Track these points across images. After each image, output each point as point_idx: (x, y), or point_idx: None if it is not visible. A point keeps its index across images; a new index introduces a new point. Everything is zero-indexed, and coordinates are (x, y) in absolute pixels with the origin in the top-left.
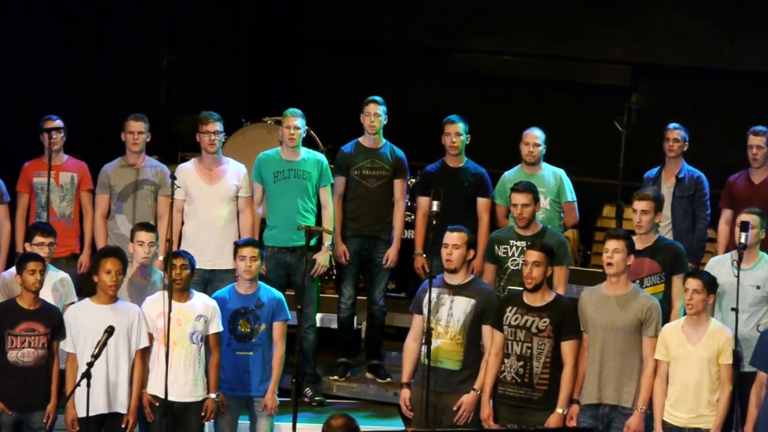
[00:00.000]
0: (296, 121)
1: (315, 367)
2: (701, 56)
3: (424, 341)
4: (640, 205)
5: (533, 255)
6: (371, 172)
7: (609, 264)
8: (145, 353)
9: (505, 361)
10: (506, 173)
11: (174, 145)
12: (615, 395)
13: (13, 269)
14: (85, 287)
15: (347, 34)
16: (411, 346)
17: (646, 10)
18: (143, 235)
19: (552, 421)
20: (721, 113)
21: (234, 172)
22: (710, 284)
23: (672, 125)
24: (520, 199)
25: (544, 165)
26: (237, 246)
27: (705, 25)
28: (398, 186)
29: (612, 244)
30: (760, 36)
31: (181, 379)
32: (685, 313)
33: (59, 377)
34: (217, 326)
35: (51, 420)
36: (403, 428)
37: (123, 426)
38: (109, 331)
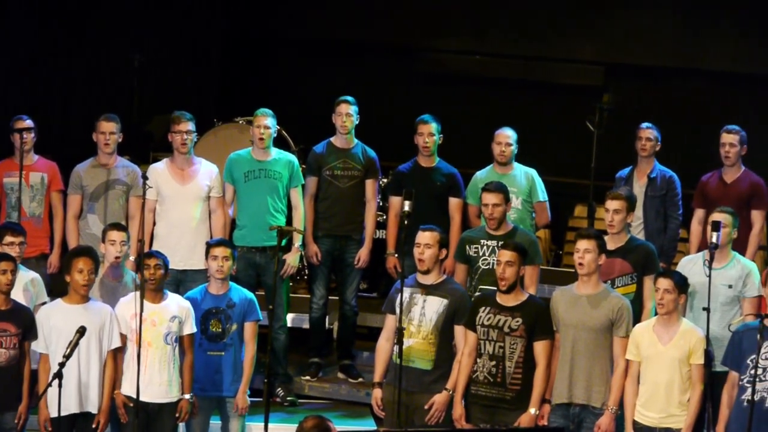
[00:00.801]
0: (266, 121)
1: (287, 367)
2: (672, 56)
3: (396, 341)
4: (612, 204)
5: (506, 255)
6: (343, 172)
7: (580, 264)
8: (116, 353)
9: (478, 360)
10: (478, 173)
11: (146, 145)
12: (585, 395)
13: None
14: (56, 288)
15: (319, 34)
16: (383, 345)
17: (617, 10)
18: (115, 235)
19: (524, 420)
20: (692, 113)
21: (206, 172)
22: (681, 284)
23: (644, 125)
24: (491, 199)
25: (516, 165)
26: (209, 246)
27: (676, 24)
28: (370, 186)
29: (583, 244)
30: (731, 35)
31: (156, 380)
32: (656, 314)
33: (31, 378)
34: (191, 327)
35: (23, 420)
36: (375, 428)
37: (94, 426)
38: (81, 331)
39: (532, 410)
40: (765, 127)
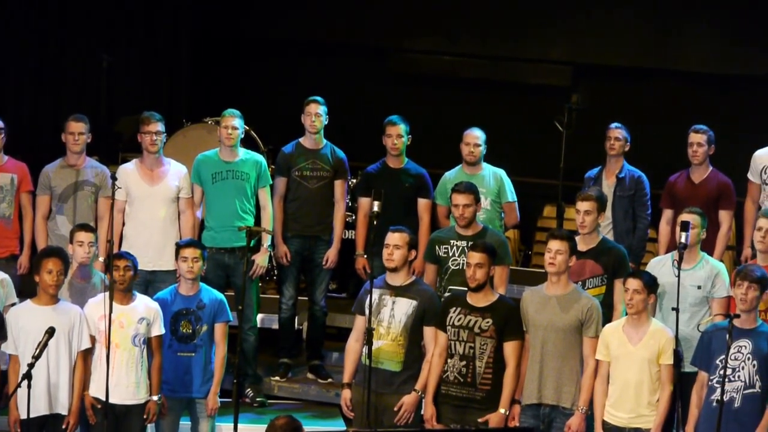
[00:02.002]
0: (234, 122)
1: (256, 367)
2: (641, 56)
3: (365, 342)
4: (583, 205)
5: (476, 257)
6: (312, 173)
7: (551, 264)
8: (86, 354)
9: (448, 361)
10: (447, 174)
11: (115, 146)
12: (555, 395)
13: None
14: (26, 289)
15: (288, 34)
16: (353, 346)
17: (585, 9)
18: (82, 236)
19: (493, 420)
20: (661, 113)
21: (175, 172)
22: (651, 284)
23: (613, 125)
24: (461, 199)
25: (485, 165)
26: (179, 247)
27: (644, 24)
28: (339, 186)
29: (555, 245)
30: (700, 36)
31: (123, 382)
32: (626, 315)
33: (0, 379)
34: (159, 329)
35: None
36: (344, 429)
37: (64, 427)
38: (50, 332)
39: (501, 410)
40: (733, 126)
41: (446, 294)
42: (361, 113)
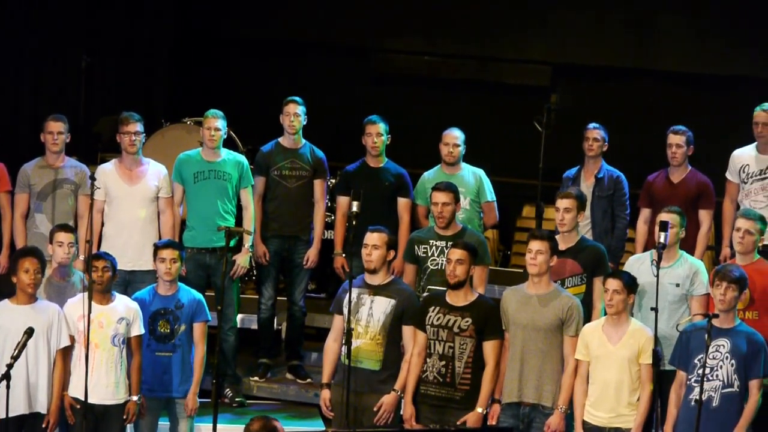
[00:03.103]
0: (217, 123)
1: (235, 368)
2: (620, 56)
3: (344, 341)
4: (563, 203)
5: (456, 253)
6: (291, 173)
7: (532, 264)
8: (65, 353)
9: (428, 360)
10: (426, 173)
11: (94, 146)
12: (535, 394)
13: None
14: (5, 289)
15: (267, 34)
16: (331, 346)
17: (564, 10)
18: (62, 236)
19: (471, 419)
20: (640, 113)
21: (154, 172)
22: (630, 284)
23: (592, 125)
24: (440, 197)
25: (464, 165)
26: (156, 248)
27: (623, 25)
28: (318, 186)
29: (536, 245)
30: (678, 36)
31: (103, 382)
32: (606, 314)
33: None
34: (138, 329)
35: None
36: (323, 429)
37: (44, 426)
38: (29, 332)
39: (479, 409)
40: (712, 127)
41: (425, 294)
42: (340, 113)
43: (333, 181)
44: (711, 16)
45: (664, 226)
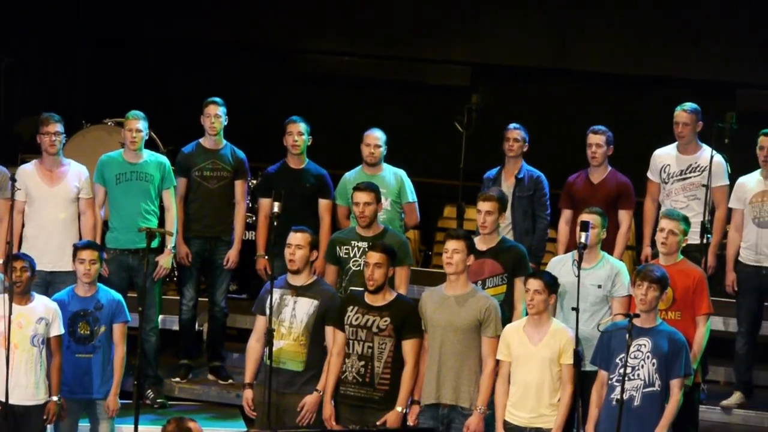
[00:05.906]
0: (138, 124)
1: (157, 369)
2: (539, 56)
3: (266, 342)
4: (484, 206)
5: (374, 257)
6: (212, 173)
7: (448, 264)
8: None
9: (347, 360)
10: (347, 174)
11: (14, 147)
12: (453, 395)
13: None
14: None
15: (188, 34)
16: (254, 346)
17: (484, 10)
18: None
19: (391, 419)
20: (560, 113)
21: (75, 173)
22: (551, 284)
23: (512, 125)
24: (362, 197)
25: (385, 166)
26: (76, 248)
27: (543, 25)
28: (239, 187)
29: (452, 245)
30: (599, 36)
31: (23, 383)
32: (527, 315)
33: None
34: (58, 329)
35: None
36: (245, 429)
37: None
38: None
39: (398, 408)
40: (632, 127)
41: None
42: (261, 114)
43: (254, 181)
44: (631, 17)
45: (585, 226)
